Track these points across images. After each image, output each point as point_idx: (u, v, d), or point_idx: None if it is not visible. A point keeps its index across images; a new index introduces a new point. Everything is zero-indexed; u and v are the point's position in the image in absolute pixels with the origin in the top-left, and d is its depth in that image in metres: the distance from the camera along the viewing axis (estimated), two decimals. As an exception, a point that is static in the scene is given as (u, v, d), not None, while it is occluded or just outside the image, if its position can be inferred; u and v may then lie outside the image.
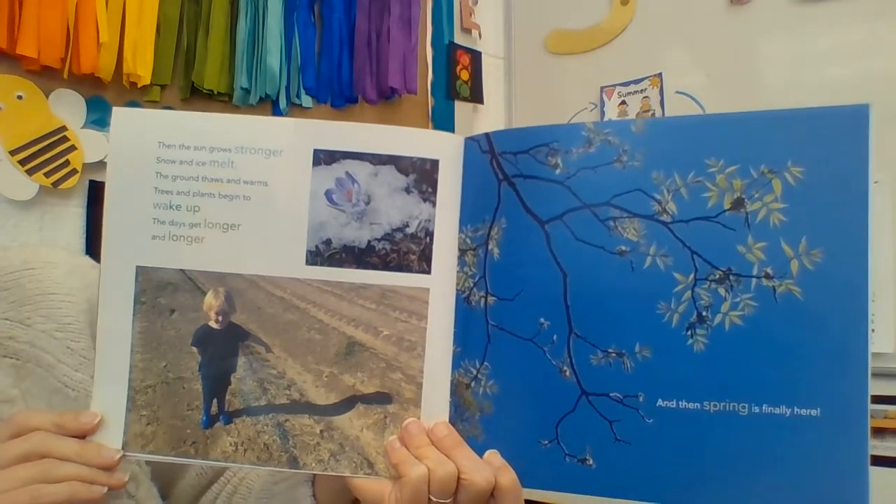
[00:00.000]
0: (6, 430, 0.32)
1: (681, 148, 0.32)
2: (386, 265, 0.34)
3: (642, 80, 0.93)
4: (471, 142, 0.35)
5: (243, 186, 0.34)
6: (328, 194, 0.34)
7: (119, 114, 0.34)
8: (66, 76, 0.68)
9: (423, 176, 0.34)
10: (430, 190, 0.34)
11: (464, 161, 0.34)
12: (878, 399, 0.73)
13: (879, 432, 0.73)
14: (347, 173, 0.34)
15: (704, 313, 0.32)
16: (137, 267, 0.34)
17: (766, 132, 0.32)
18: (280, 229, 0.34)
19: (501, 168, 0.34)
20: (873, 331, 0.71)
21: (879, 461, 0.72)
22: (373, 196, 0.34)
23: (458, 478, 0.31)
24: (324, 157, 0.34)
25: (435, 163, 0.34)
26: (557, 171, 0.34)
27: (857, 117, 0.31)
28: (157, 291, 0.34)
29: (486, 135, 0.35)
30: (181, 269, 0.34)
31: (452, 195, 0.34)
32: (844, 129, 0.31)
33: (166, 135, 0.34)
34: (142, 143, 0.34)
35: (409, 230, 0.34)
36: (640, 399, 0.32)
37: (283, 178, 0.34)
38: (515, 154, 0.34)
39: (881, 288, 0.72)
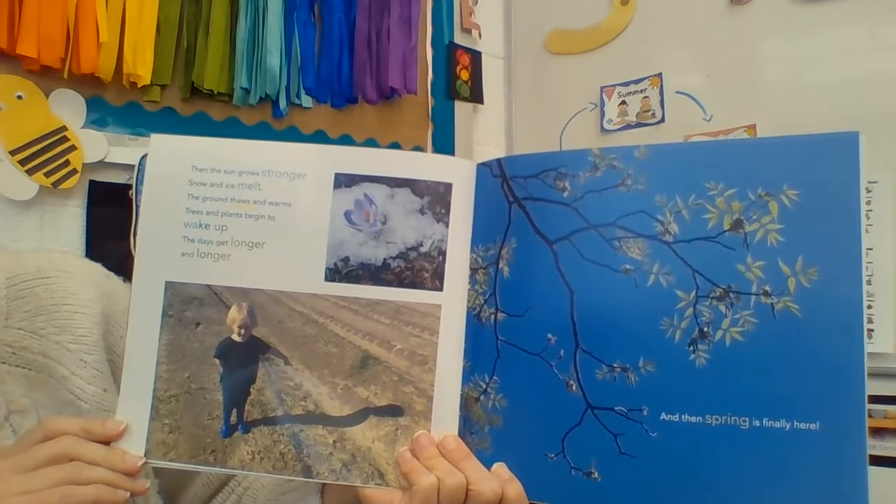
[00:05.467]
0: (37, 434, 0.33)
1: (682, 172, 0.34)
2: (400, 282, 0.35)
3: (642, 80, 0.94)
4: (483, 167, 0.36)
5: (268, 207, 0.35)
6: (347, 215, 0.35)
7: (157, 140, 0.36)
8: (66, 76, 0.68)
9: (437, 198, 0.35)
10: (443, 211, 0.35)
11: (476, 184, 0.36)
12: (878, 399, 0.72)
13: (879, 432, 0.73)
14: (366, 195, 0.35)
15: (706, 329, 0.33)
16: (167, 282, 0.35)
17: (762, 157, 0.33)
18: (301, 247, 0.35)
19: (512, 191, 0.36)
20: (873, 331, 0.71)
21: (879, 461, 0.72)
22: (389, 217, 0.35)
23: (467, 489, 0.32)
24: (344, 180, 0.36)
25: (448, 186, 0.35)
26: (565, 194, 0.35)
27: (848, 143, 0.32)
28: (184, 305, 0.35)
29: (498, 160, 0.36)
30: (208, 285, 0.35)
31: (465, 216, 0.36)
32: (836, 154, 0.32)
33: (199, 159, 0.36)
34: (176, 166, 0.36)
35: (423, 249, 0.35)
36: (644, 413, 0.33)
37: (306, 199, 0.36)
38: (525, 178, 0.35)
39: (881, 288, 0.72)
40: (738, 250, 0.33)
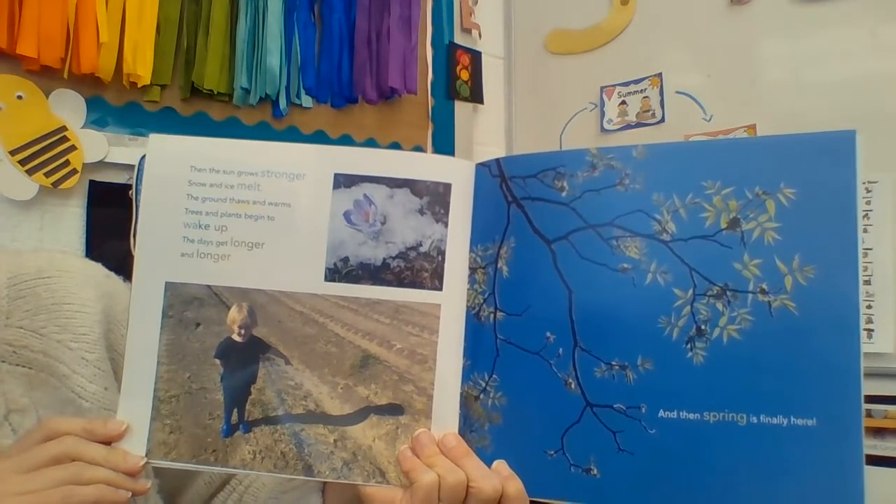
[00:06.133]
0: (38, 434, 0.33)
1: (679, 171, 0.34)
2: (400, 282, 0.35)
3: (642, 80, 0.94)
4: (481, 167, 0.37)
5: (268, 207, 0.36)
6: (347, 215, 0.36)
7: (155, 140, 0.37)
8: (66, 76, 0.68)
9: (436, 198, 0.36)
10: (442, 211, 0.36)
11: (475, 185, 0.36)
12: (878, 399, 0.71)
13: (879, 432, 0.72)
14: (365, 195, 0.36)
15: (703, 327, 0.33)
16: (167, 282, 0.36)
17: (759, 156, 0.33)
18: (301, 248, 0.36)
19: (511, 191, 0.36)
20: (873, 331, 0.71)
21: (879, 461, 0.71)
22: (388, 217, 0.36)
23: (467, 486, 0.33)
24: (343, 181, 0.36)
25: (447, 186, 0.36)
26: (563, 194, 0.35)
27: (845, 142, 0.32)
28: (184, 306, 0.36)
29: (497, 160, 0.36)
30: (208, 285, 0.36)
31: (464, 216, 0.36)
32: (833, 153, 0.32)
33: (198, 160, 0.36)
34: (175, 167, 0.36)
35: (423, 249, 0.35)
36: (643, 410, 0.33)
37: (305, 199, 0.36)
38: (524, 178, 0.36)
39: (881, 288, 0.71)
40: (736, 249, 0.33)
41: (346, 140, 0.91)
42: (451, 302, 0.35)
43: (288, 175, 0.36)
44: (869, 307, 0.72)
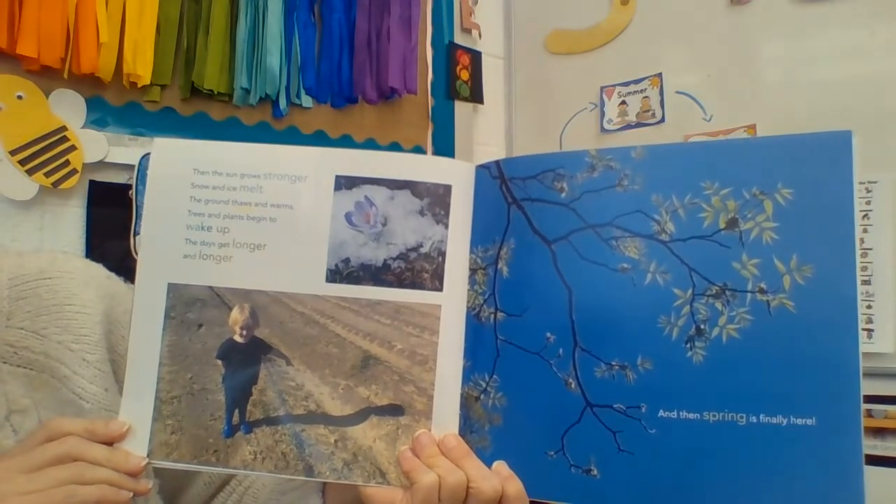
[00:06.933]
0: (41, 434, 0.33)
1: (678, 172, 0.34)
2: (401, 283, 0.35)
3: (642, 80, 0.94)
4: (481, 168, 0.37)
5: (270, 209, 0.36)
6: (348, 216, 0.36)
7: (159, 144, 0.37)
8: (66, 76, 0.68)
9: (436, 200, 0.36)
10: (443, 213, 0.36)
11: (475, 186, 0.36)
12: (878, 399, 0.71)
13: (879, 432, 0.72)
14: (366, 197, 0.36)
15: (703, 326, 0.33)
16: (169, 284, 0.36)
17: (757, 157, 0.34)
18: (303, 249, 0.36)
19: (510, 192, 0.36)
20: (873, 331, 0.71)
21: (879, 461, 0.71)
22: (389, 218, 0.36)
23: (467, 487, 0.33)
24: (345, 183, 0.36)
25: (448, 188, 0.36)
26: (563, 195, 0.35)
27: (841, 142, 0.32)
28: (186, 307, 0.36)
29: (496, 162, 0.36)
30: (210, 286, 0.36)
31: (464, 218, 0.36)
32: (830, 153, 0.32)
33: (201, 163, 0.36)
34: (178, 170, 0.36)
35: (423, 250, 0.36)
36: (643, 410, 0.33)
37: (307, 201, 0.36)
38: (524, 179, 0.36)
39: (881, 288, 0.71)
40: (734, 248, 0.33)
41: (346, 140, 0.91)
42: (451, 303, 0.36)
43: (290, 177, 0.36)
44: (869, 307, 0.72)
